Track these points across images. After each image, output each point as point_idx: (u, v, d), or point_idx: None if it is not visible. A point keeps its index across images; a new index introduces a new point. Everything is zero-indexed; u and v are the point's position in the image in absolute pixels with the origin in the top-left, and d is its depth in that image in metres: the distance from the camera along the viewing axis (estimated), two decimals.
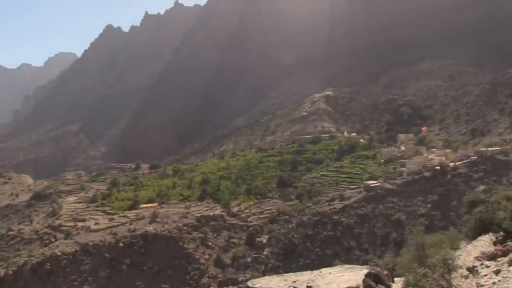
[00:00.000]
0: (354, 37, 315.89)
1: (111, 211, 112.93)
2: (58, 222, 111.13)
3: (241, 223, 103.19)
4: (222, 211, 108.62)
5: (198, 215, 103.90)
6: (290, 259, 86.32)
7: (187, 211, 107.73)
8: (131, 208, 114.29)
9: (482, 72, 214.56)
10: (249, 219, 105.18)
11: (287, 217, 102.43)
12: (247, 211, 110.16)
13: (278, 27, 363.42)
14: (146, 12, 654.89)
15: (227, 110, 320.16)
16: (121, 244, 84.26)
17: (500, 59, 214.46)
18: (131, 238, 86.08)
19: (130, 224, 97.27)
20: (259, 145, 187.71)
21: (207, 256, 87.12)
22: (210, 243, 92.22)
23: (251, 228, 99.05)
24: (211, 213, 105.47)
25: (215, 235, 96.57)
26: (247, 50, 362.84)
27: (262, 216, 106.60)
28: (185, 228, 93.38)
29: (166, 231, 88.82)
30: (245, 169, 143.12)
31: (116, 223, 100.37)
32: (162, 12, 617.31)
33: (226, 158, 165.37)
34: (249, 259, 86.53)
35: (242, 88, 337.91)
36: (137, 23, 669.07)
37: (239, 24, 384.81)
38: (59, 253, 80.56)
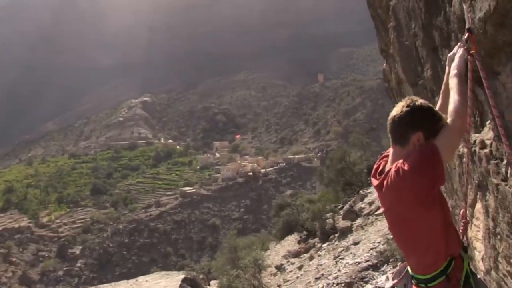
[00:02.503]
0: (173, 44, 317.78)
1: None
2: None
3: (51, 234, 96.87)
4: (29, 223, 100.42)
5: (0, 228, 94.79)
6: (105, 269, 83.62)
7: None
8: None
9: (291, 85, 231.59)
10: (60, 230, 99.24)
11: (102, 225, 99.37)
12: (58, 221, 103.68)
13: (96, 27, 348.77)
14: None
15: (37, 113, 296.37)
16: None
17: (306, 75, 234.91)
18: None
19: None
20: (72, 151, 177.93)
21: (11, 274, 79.72)
22: (14, 259, 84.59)
23: (62, 239, 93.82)
24: (16, 225, 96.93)
25: (21, 249, 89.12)
26: (60, 49, 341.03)
27: (75, 225, 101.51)
28: None
29: None
30: (56, 177, 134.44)
31: None
32: None
33: (34, 164, 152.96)
34: (60, 273, 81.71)
35: (54, 90, 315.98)
36: None
37: (53, 21, 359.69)
38: None
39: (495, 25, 2.34)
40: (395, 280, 2.86)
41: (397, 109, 2.59)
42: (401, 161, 2.45)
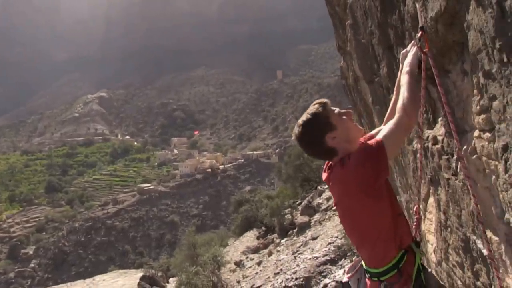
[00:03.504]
0: (130, 39, 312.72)
1: None
2: None
3: (3, 234, 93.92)
4: None
5: None
6: (61, 269, 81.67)
7: None
8: None
9: (250, 82, 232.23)
10: (12, 230, 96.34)
11: (57, 224, 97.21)
12: (9, 220, 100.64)
13: (50, 20, 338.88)
14: None
15: None
16: None
17: (265, 71, 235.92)
18: None
19: None
20: (25, 148, 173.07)
21: None
22: None
23: (14, 240, 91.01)
24: None
25: None
26: (12, 42, 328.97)
27: (28, 225, 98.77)
28: None
29: None
30: (7, 174, 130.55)
31: None
32: None
33: None
34: (12, 275, 79.04)
35: (5, 84, 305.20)
36: None
37: (3, 13, 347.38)
38: None
39: (445, 24, 2.42)
40: (349, 274, 2.92)
41: (300, 147, 2.71)
42: (347, 155, 2.50)
